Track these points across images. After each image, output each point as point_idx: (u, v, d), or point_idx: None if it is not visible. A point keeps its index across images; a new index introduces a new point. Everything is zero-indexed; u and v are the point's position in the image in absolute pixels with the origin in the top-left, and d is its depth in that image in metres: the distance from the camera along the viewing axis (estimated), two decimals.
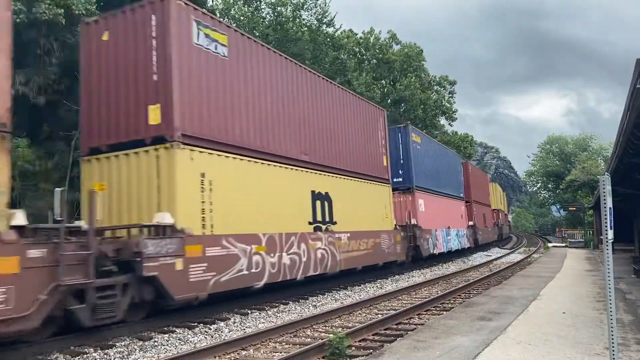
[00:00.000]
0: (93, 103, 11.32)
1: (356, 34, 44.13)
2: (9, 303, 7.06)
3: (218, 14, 35.27)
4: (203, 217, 10.59)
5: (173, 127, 10.15)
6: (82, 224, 9.05)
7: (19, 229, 7.55)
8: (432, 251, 24.03)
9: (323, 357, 7.68)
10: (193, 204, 10.40)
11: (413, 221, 22.01)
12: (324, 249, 14.93)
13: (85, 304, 8.24)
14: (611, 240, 5.66)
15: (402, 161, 22.90)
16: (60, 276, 7.75)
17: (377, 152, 19.83)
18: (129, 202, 10.54)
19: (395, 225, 20.70)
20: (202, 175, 10.70)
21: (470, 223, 33.76)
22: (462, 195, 32.70)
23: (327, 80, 17.09)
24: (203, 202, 10.64)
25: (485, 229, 39.10)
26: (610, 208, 5.59)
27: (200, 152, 10.75)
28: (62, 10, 17.54)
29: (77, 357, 8.01)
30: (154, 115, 10.39)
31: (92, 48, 11.53)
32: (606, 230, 5.60)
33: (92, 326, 8.46)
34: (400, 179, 22.65)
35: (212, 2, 33.79)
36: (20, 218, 7.64)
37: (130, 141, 10.68)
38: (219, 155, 11.26)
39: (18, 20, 16.61)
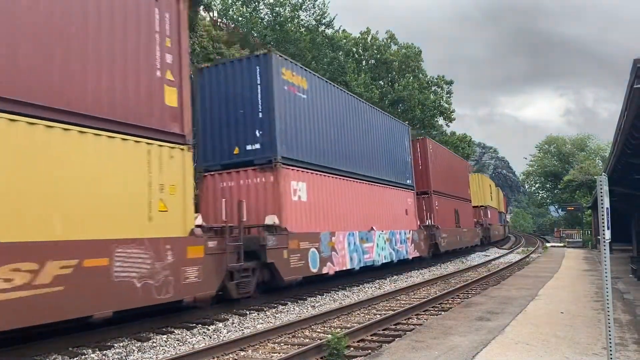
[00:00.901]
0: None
1: (350, 34, 44.14)
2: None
3: (216, 14, 35.30)
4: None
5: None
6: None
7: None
8: (313, 269, 14.14)
9: (321, 358, 7.69)
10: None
11: (271, 220, 13.13)
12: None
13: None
14: (608, 240, 5.67)
15: (260, 114, 13.79)
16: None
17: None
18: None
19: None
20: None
21: (428, 223, 25.27)
22: (409, 182, 23.64)
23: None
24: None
25: (456, 231, 29.60)
26: (607, 208, 5.60)
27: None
28: None
29: (75, 358, 8.00)
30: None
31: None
32: (603, 230, 5.61)
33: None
34: (258, 146, 13.82)
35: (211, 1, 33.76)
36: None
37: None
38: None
39: None
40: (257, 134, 13.89)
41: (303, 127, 14.92)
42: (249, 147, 13.95)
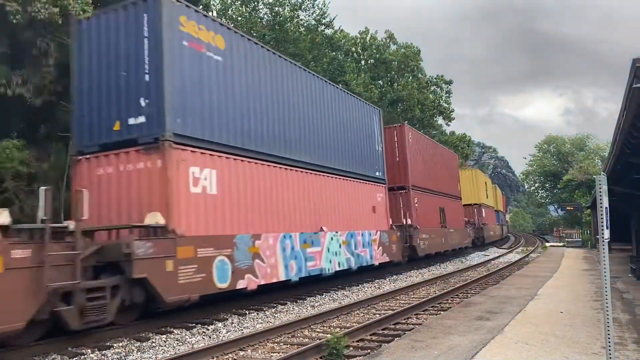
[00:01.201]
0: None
1: (348, 34, 44.10)
2: None
3: (215, 14, 35.26)
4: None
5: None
6: None
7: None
8: (220, 284, 10.85)
9: (321, 358, 7.68)
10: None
11: (152, 219, 9.76)
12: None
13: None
14: (607, 240, 5.67)
15: (146, 77, 10.52)
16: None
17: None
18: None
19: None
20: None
21: (405, 222, 21.93)
22: (379, 175, 20.38)
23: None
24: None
25: (440, 232, 26.19)
26: (606, 208, 5.60)
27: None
28: (58, 9, 17.47)
29: (74, 358, 8.00)
30: None
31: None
32: (602, 229, 5.62)
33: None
34: (143, 119, 10.51)
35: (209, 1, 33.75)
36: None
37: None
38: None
39: (14, 21, 16.57)
40: (142, 103, 10.44)
41: (215, 98, 11.54)
42: (131, 121, 10.56)
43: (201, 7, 24.00)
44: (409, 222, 21.85)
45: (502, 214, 57.72)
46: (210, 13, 32.88)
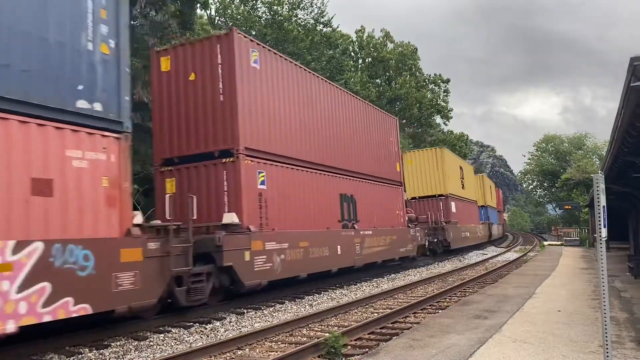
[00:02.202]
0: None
1: (346, 34, 44.12)
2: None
3: (215, 13, 35.26)
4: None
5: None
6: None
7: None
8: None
9: (319, 356, 7.68)
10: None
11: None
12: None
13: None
14: (605, 239, 5.67)
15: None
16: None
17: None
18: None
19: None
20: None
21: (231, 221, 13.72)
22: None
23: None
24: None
25: (324, 237, 15.20)
26: (604, 206, 5.60)
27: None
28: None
29: (72, 357, 7.99)
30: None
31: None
32: (600, 228, 5.62)
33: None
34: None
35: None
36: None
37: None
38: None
39: None
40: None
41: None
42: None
43: (199, 5, 24.01)
44: (234, 220, 11.79)
45: (493, 211, 49.35)
46: (207, 11, 32.88)
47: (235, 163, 12.05)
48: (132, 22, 21.07)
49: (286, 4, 37.91)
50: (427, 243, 24.95)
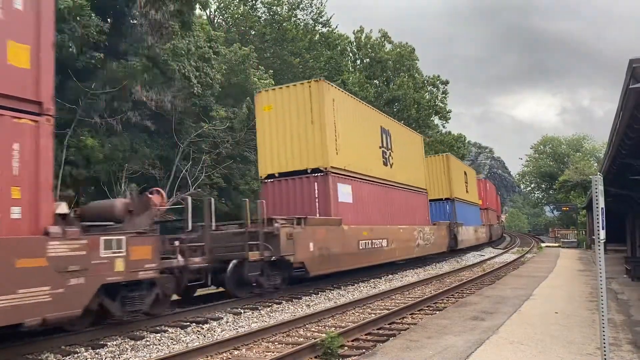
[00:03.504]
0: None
1: (343, 34, 44.12)
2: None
3: (214, 13, 35.22)
4: None
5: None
6: None
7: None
8: None
9: (316, 357, 7.67)
10: None
11: None
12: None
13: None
14: (603, 241, 5.66)
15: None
16: None
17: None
18: None
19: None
20: None
21: None
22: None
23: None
24: None
25: None
26: (602, 208, 5.59)
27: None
28: None
29: (67, 357, 7.95)
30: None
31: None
32: (598, 230, 5.61)
33: None
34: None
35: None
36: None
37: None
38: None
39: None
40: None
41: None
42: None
43: (198, 5, 23.97)
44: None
45: (476, 209, 40.16)
46: (207, 11, 32.84)
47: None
48: (132, 22, 21.03)
49: (286, 4, 37.90)
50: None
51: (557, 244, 45.24)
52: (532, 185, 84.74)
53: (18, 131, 7.25)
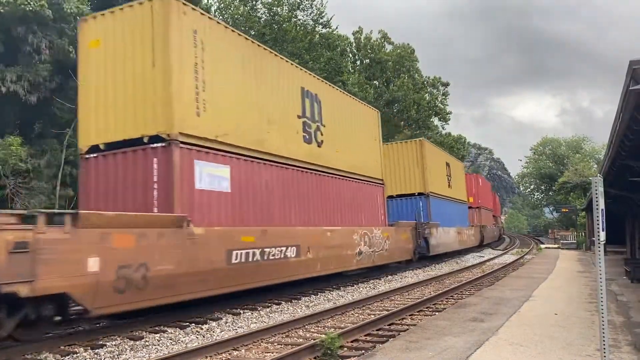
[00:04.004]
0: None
1: (343, 35, 44.08)
2: None
3: (215, 13, 35.22)
4: None
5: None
6: None
7: None
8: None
9: (315, 358, 7.66)
10: None
11: None
12: None
13: None
14: (603, 242, 5.66)
15: None
16: None
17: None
18: None
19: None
20: None
21: None
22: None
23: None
24: None
25: None
26: (602, 210, 5.59)
27: None
28: (45, 2, 17.34)
29: (67, 357, 7.94)
30: None
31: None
32: (598, 231, 5.60)
33: None
34: None
35: (208, 0, 33.71)
36: None
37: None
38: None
39: (2, 11, 16.47)
40: None
41: None
42: None
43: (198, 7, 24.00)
44: None
45: (462, 207, 35.06)
46: (208, 15, 32.83)
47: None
48: None
49: (286, 5, 37.91)
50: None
51: (556, 245, 45.25)
52: (532, 187, 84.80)
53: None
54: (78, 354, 8.06)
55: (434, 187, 27.05)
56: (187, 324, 10.22)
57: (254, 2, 37.60)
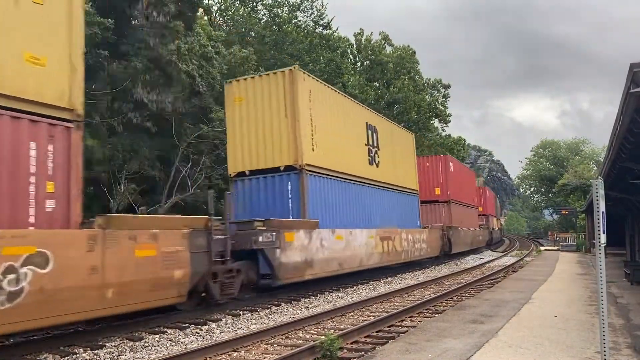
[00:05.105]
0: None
1: (342, 36, 44.10)
2: None
3: (215, 14, 35.25)
4: None
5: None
6: None
7: None
8: None
9: (315, 359, 7.65)
10: None
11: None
12: None
13: None
14: (604, 244, 5.66)
15: None
16: None
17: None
18: None
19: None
20: None
21: None
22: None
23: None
24: None
25: None
26: (602, 212, 5.59)
27: None
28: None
29: (66, 357, 7.94)
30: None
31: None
32: (599, 234, 5.61)
33: None
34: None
35: (208, 0, 33.78)
36: None
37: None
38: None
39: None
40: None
41: None
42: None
43: (201, 10, 24.10)
44: None
45: (409, 200, 24.48)
46: (209, 16, 32.86)
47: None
48: (133, 23, 21.08)
49: (286, 6, 37.95)
50: None
51: (556, 248, 45.25)
52: (532, 189, 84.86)
53: None
54: (77, 355, 8.05)
55: (321, 158, 15.87)
56: (187, 325, 10.21)
57: (254, 4, 37.64)
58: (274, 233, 12.78)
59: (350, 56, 45.07)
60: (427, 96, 48.30)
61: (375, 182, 19.80)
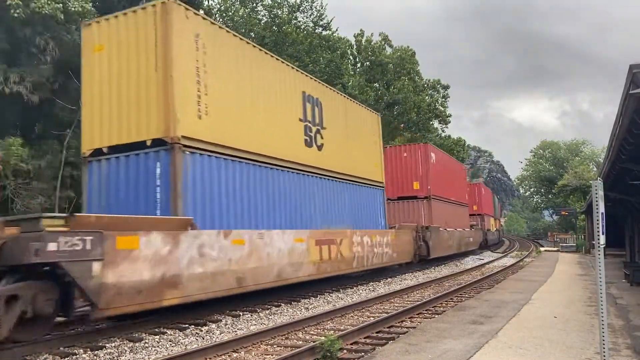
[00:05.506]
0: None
1: (342, 37, 44.10)
2: None
3: (215, 15, 35.26)
4: None
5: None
6: None
7: None
8: None
9: None
10: None
11: None
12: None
13: None
14: (603, 246, 5.67)
15: None
16: None
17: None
18: None
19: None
20: None
21: None
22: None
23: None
24: None
25: None
26: (602, 213, 5.60)
27: None
28: (61, 5, 17.37)
29: (66, 358, 7.94)
30: None
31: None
32: (598, 235, 5.61)
33: None
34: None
35: (209, 1, 33.79)
36: None
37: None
38: None
39: (15, 15, 16.45)
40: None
41: None
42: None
43: (202, 12, 24.08)
44: None
45: (370, 193, 20.37)
46: (211, 18, 32.89)
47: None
48: None
49: (286, 6, 37.94)
50: None
51: (555, 248, 45.27)
52: (532, 190, 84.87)
53: None
54: (77, 356, 8.05)
55: (215, 130, 11.59)
56: (187, 325, 10.22)
57: (254, 4, 37.64)
58: (87, 237, 8.03)
59: (350, 57, 45.07)
60: (426, 97, 48.29)
61: (314, 170, 15.47)
